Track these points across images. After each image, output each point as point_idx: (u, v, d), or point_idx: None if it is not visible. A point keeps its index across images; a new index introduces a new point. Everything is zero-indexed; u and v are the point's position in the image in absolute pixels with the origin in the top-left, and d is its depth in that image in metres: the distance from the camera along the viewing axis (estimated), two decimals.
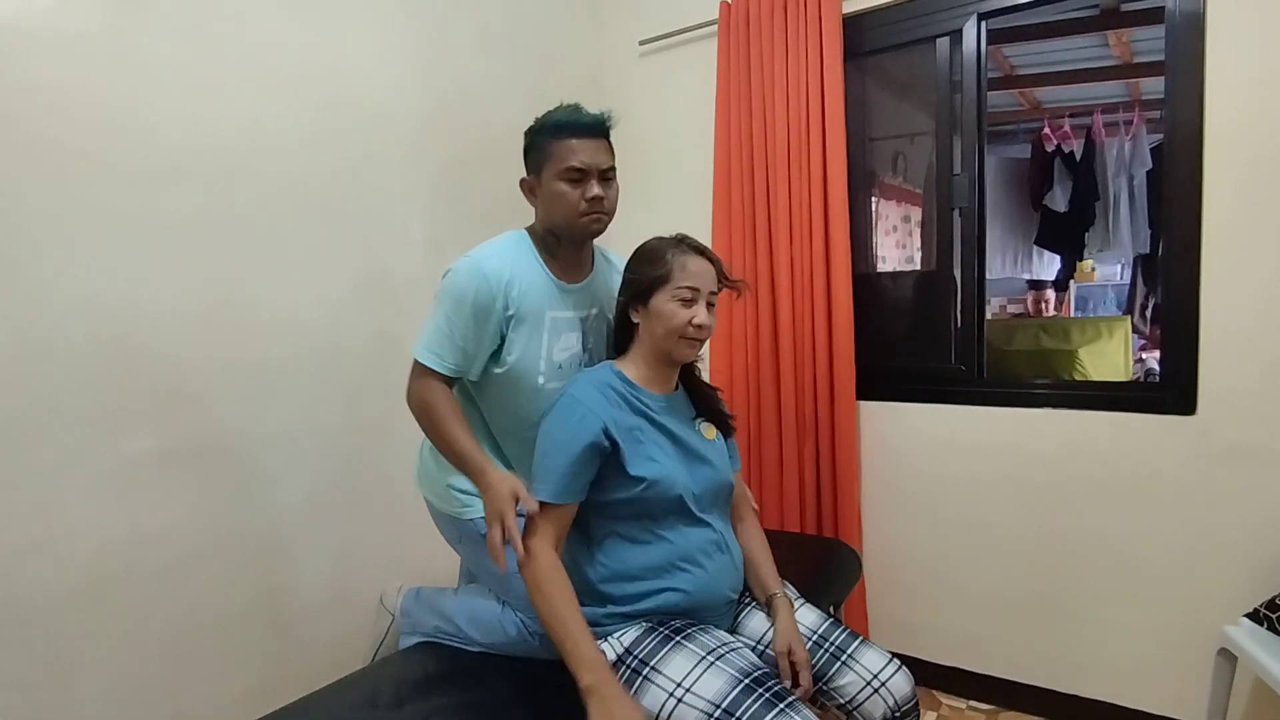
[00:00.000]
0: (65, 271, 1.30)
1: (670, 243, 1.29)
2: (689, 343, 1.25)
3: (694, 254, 1.27)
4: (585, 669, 1.08)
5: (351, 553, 1.77)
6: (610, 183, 1.31)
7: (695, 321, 1.23)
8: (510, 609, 1.39)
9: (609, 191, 1.30)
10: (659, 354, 1.27)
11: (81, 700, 1.32)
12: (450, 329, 1.27)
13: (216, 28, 1.51)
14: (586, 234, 1.32)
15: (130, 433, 1.38)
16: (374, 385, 1.80)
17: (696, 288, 1.24)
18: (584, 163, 1.26)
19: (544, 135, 1.29)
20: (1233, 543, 1.73)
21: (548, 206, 1.31)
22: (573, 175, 1.26)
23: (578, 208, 1.27)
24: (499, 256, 1.29)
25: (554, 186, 1.28)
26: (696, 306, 1.24)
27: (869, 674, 1.23)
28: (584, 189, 1.27)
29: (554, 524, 1.19)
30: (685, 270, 1.24)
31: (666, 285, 1.24)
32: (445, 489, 1.41)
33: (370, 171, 1.82)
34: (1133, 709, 1.88)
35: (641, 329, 1.28)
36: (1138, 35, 3.29)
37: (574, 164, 1.26)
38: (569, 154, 1.26)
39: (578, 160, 1.26)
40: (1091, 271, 4.73)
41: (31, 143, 1.26)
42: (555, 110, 1.31)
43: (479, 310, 1.26)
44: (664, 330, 1.24)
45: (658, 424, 1.26)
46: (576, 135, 1.27)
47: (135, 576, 1.39)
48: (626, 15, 2.55)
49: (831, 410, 2.15)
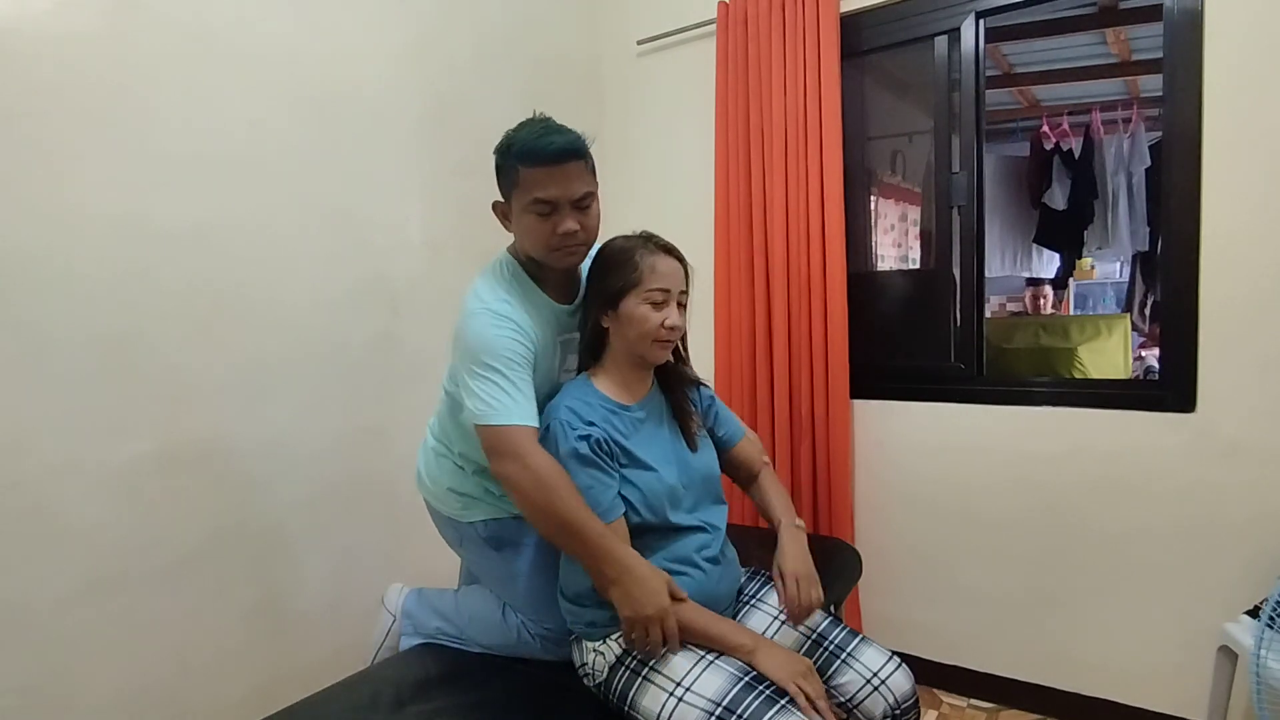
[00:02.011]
0: (65, 272, 1.30)
1: (638, 242, 1.26)
2: (662, 345, 1.24)
3: (663, 254, 1.24)
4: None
5: (352, 554, 1.77)
6: (588, 210, 1.20)
7: (668, 324, 1.22)
8: (512, 611, 1.39)
9: (586, 220, 1.20)
10: (632, 358, 1.26)
11: (81, 702, 1.32)
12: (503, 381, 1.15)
13: (215, 28, 1.51)
14: (560, 267, 1.24)
15: (130, 434, 1.38)
16: (373, 385, 1.80)
17: (668, 289, 1.22)
18: (553, 196, 1.15)
19: (511, 159, 1.17)
20: (1233, 539, 1.73)
21: (519, 237, 1.24)
22: (541, 209, 1.16)
23: (548, 242, 1.18)
24: (499, 294, 1.22)
25: (523, 220, 1.18)
26: (668, 309, 1.23)
27: (869, 672, 1.23)
28: (555, 222, 1.16)
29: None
30: (655, 272, 1.22)
31: (637, 288, 1.21)
32: (445, 491, 1.40)
33: (368, 172, 1.82)
34: (1133, 706, 1.89)
35: (613, 334, 1.25)
36: (1136, 33, 3.30)
37: (543, 195, 1.15)
38: (535, 185, 1.14)
39: (546, 193, 1.14)
40: (1091, 269, 4.73)
41: (31, 143, 1.26)
42: (523, 127, 1.19)
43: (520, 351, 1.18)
44: (636, 334, 1.22)
45: (639, 431, 1.26)
46: (544, 164, 1.14)
47: (135, 578, 1.39)
48: (624, 15, 2.55)
49: (827, 409, 2.15)
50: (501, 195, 1.24)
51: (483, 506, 1.38)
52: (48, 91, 1.28)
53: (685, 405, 1.34)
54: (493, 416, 1.14)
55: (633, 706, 1.13)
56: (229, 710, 1.52)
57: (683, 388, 1.36)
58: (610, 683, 1.18)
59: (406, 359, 1.88)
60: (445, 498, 1.41)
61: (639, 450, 1.22)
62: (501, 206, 1.26)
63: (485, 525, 1.38)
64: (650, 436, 1.27)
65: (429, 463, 1.45)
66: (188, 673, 1.47)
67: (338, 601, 1.74)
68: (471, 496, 1.38)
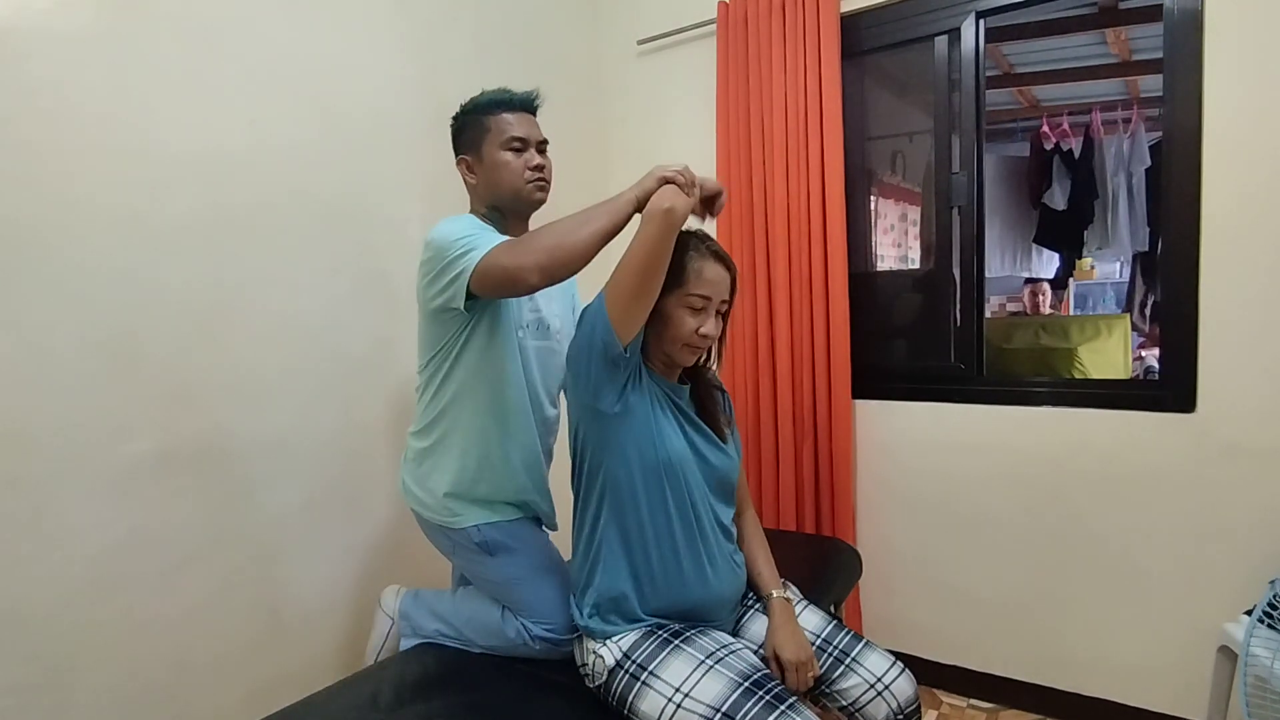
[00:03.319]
0: (65, 273, 1.30)
1: (691, 243, 1.23)
2: (691, 350, 1.23)
3: (713, 260, 1.22)
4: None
5: (352, 554, 1.77)
6: (545, 155, 1.39)
7: (701, 331, 1.20)
8: (510, 613, 1.39)
9: (547, 163, 1.38)
10: (659, 357, 1.26)
11: (80, 704, 1.32)
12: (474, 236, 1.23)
13: (215, 29, 1.51)
14: (532, 201, 1.37)
15: (129, 435, 1.38)
16: (373, 387, 1.80)
17: (709, 297, 1.20)
18: (525, 134, 1.34)
19: (478, 113, 1.35)
20: (1233, 539, 1.73)
21: (492, 178, 1.35)
22: (514, 145, 1.33)
23: (523, 175, 1.34)
24: (466, 222, 1.31)
25: (498, 156, 1.33)
26: (705, 315, 1.21)
27: (872, 677, 1.23)
28: (526, 158, 1.34)
29: None
30: (701, 278, 1.20)
31: (679, 290, 1.19)
32: (435, 499, 1.39)
33: (369, 172, 1.82)
34: (1134, 707, 1.89)
35: (647, 329, 1.23)
36: (1136, 33, 3.30)
37: (516, 134, 1.33)
38: (509, 126, 1.33)
39: (517, 132, 1.33)
40: (1091, 269, 4.72)
41: (31, 144, 1.26)
42: (483, 94, 1.38)
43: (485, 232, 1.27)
44: (669, 335, 1.21)
45: (676, 406, 1.26)
46: (512, 110, 1.35)
47: (134, 579, 1.39)
48: (625, 15, 2.55)
49: (829, 409, 2.15)
50: (464, 152, 1.38)
51: (475, 512, 1.38)
52: (48, 91, 1.28)
53: (711, 400, 1.33)
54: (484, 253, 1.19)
55: (632, 711, 1.13)
56: (229, 710, 1.51)
57: (707, 385, 1.35)
58: (610, 685, 1.18)
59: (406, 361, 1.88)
60: (434, 506, 1.40)
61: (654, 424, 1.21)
62: (467, 160, 1.38)
63: (478, 531, 1.38)
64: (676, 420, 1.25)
65: (417, 473, 1.44)
66: (187, 673, 1.47)
67: (338, 601, 1.74)
68: (466, 501, 1.38)
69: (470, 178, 1.38)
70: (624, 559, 1.21)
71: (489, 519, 1.38)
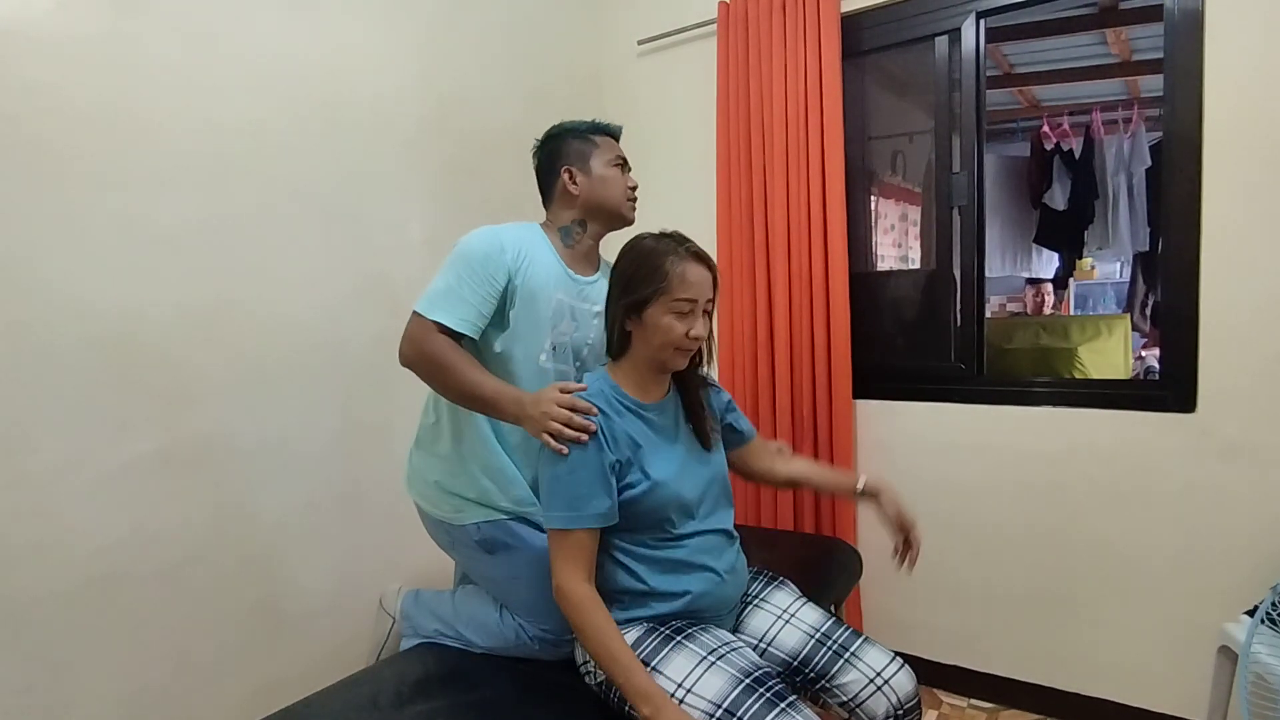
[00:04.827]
0: (65, 272, 1.30)
1: (668, 246, 1.23)
2: (683, 353, 1.23)
3: (693, 261, 1.22)
4: (642, 701, 1.06)
5: (351, 554, 1.77)
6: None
7: (691, 334, 1.21)
8: (509, 614, 1.39)
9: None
10: (653, 364, 1.25)
11: (81, 702, 1.32)
12: (460, 286, 1.27)
13: (215, 29, 1.51)
14: (627, 216, 1.47)
15: (130, 434, 1.38)
16: (373, 386, 1.80)
17: (695, 299, 1.21)
18: (623, 156, 1.47)
19: (583, 131, 1.45)
20: (1233, 539, 1.73)
21: (599, 190, 1.42)
22: (619, 163, 1.45)
23: (625, 192, 1.45)
24: (515, 232, 1.36)
25: (607, 171, 1.43)
26: (693, 318, 1.21)
27: (872, 672, 1.23)
28: (626, 178, 1.46)
29: (579, 551, 1.16)
30: (685, 282, 1.19)
31: (664, 297, 1.19)
32: (438, 494, 1.40)
33: (369, 172, 1.82)
34: (1134, 706, 1.89)
35: (635, 338, 1.24)
36: (1136, 33, 3.30)
37: (620, 154, 1.47)
38: (611, 149, 1.46)
39: (619, 154, 1.46)
40: (1091, 269, 4.72)
41: (31, 144, 1.26)
42: (580, 120, 1.48)
43: (491, 271, 1.28)
44: (659, 343, 1.21)
45: (654, 430, 1.25)
46: (613, 135, 1.48)
47: (135, 578, 1.39)
48: (625, 15, 2.55)
49: (830, 409, 2.15)
50: (569, 164, 1.43)
51: (475, 509, 1.38)
52: (48, 91, 1.28)
53: (699, 405, 1.33)
54: (424, 305, 1.28)
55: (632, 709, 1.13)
56: (229, 710, 1.51)
57: (697, 388, 1.35)
58: (610, 685, 1.18)
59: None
60: (436, 500, 1.41)
61: (651, 463, 1.21)
62: (571, 170, 1.43)
63: (478, 528, 1.38)
64: (666, 443, 1.26)
65: (418, 465, 1.45)
66: (188, 673, 1.47)
67: (338, 601, 1.74)
68: (464, 498, 1.38)
69: (572, 187, 1.41)
70: (624, 559, 1.22)
71: (489, 517, 1.38)
